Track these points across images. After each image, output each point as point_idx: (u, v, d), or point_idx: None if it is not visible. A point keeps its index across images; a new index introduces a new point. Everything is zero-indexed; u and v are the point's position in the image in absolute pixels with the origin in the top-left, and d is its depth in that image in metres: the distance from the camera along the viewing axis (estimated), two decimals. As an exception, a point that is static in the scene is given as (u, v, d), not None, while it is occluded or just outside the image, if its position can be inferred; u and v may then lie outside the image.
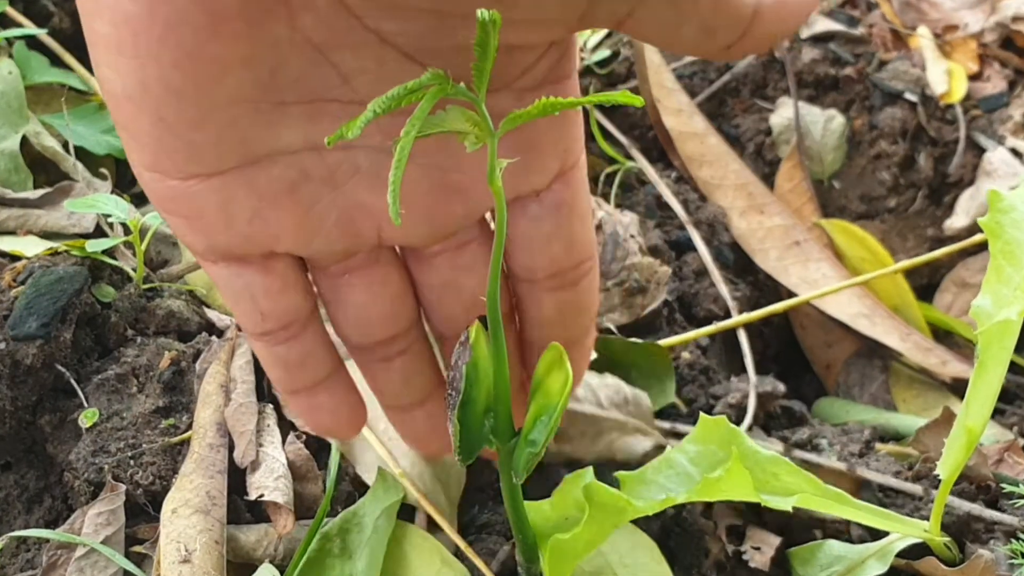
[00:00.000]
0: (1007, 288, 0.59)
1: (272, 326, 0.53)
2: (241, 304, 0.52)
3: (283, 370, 0.55)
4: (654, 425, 0.76)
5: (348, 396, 0.58)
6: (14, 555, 0.69)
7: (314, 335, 0.55)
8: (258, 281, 0.51)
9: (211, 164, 0.46)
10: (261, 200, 0.48)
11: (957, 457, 0.64)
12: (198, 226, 0.49)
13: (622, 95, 0.43)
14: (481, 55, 0.40)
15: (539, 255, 0.55)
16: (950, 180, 1.16)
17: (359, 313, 0.55)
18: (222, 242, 0.50)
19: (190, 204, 0.48)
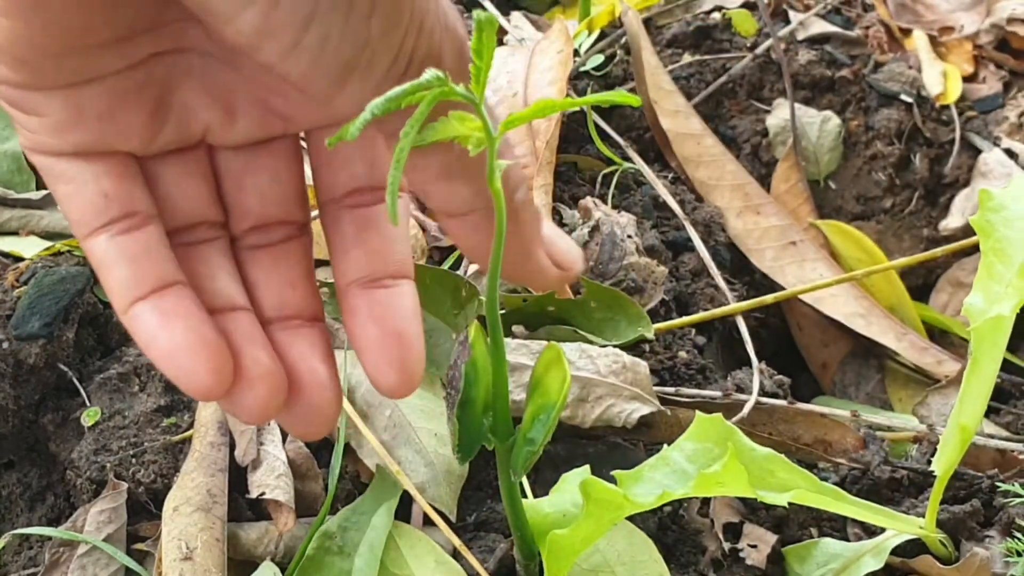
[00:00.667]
0: (999, 285, 0.59)
1: (116, 212, 0.49)
2: (83, 192, 0.49)
3: (126, 267, 0.49)
4: (652, 392, 0.77)
5: (202, 311, 0.50)
6: (17, 553, 0.69)
7: (159, 236, 0.51)
8: (102, 168, 0.49)
9: (58, 82, 0.46)
10: (112, 100, 0.48)
11: (952, 454, 0.65)
12: (49, 125, 0.48)
13: (619, 95, 0.43)
14: (478, 56, 0.41)
15: (341, 171, 0.54)
16: (945, 181, 1.16)
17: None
18: (72, 140, 0.49)
19: (37, 107, 0.47)
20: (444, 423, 0.72)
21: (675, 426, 0.77)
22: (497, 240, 0.48)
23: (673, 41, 1.24)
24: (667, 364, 0.84)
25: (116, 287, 0.50)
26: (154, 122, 0.50)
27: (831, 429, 0.79)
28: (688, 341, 0.88)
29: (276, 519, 0.68)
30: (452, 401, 0.53)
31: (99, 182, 0.49)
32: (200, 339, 0.48)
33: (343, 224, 0.54)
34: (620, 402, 0.75)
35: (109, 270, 0.50)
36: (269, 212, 0.53)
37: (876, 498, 0.74)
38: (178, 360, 0.48)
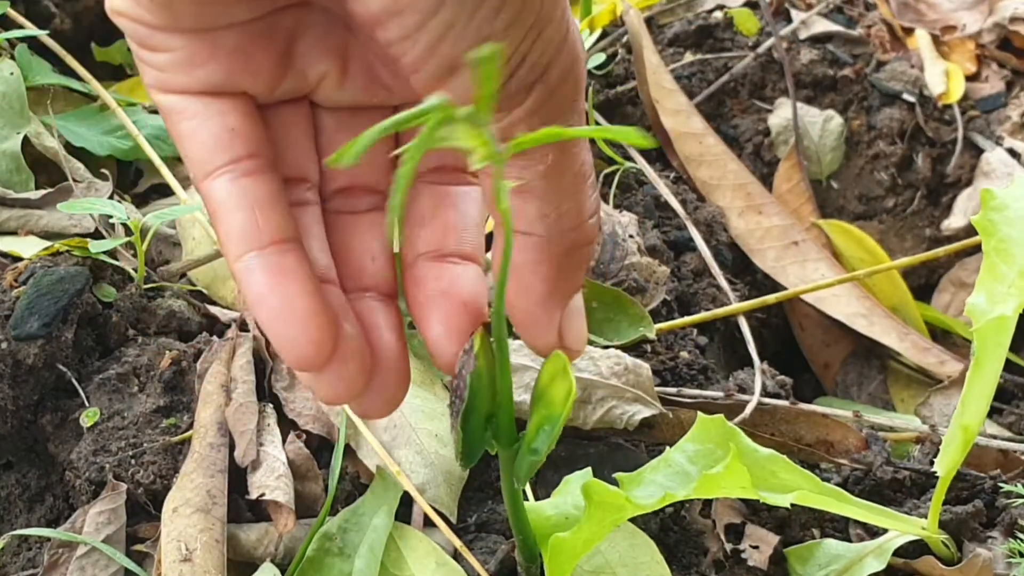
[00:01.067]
0: (1001, 285, 0.59)
1: (241, 150, 0.48)
2: (208, 127, 0.48)
3: (248, 212, 0.47)
4: (654, 394, 0.77)
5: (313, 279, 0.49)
6: (16, 554, 0.69)
7: (281, 186, 0.49)
8: (228, 106, 0.48)
9: (187, 24, 0.46)
10: (244, 40, 0.47)
11: (954, 455, 0.65)
12: (179, 61, 0.47)
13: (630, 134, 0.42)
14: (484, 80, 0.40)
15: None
16: (948, 180, 1.16)
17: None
18: (202, 77, 0.47)
19: (166, 44, 0.47)
20: (445, 424, 0.71)
21: (677, 427, 0.76)
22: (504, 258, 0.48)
23: (675, 40, 1.24)
24: (669, 364, 0.84)
25: (234, 233, 0.47)
26: (280, 67, 0.49)
27: (833, 430, 0.79)
28: (690, 341, 0.88)
29: (276, 520, 0.67)
30: (456, 410, 0.53)
31: (225, 118, 0.48)
32: (311, 307, 0.46)
33: (422, 198, 0.52)
34: (622, 404, 0.75)
35: (229, 214, 0.48)
36: (358, 178, 0.52)
37: (878, 499, 0.74)
38: (284, 325, 0.46)
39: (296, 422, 0.73)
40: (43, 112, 0.94)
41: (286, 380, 0.75)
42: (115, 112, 0.95)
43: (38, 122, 0.93)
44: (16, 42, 0.97)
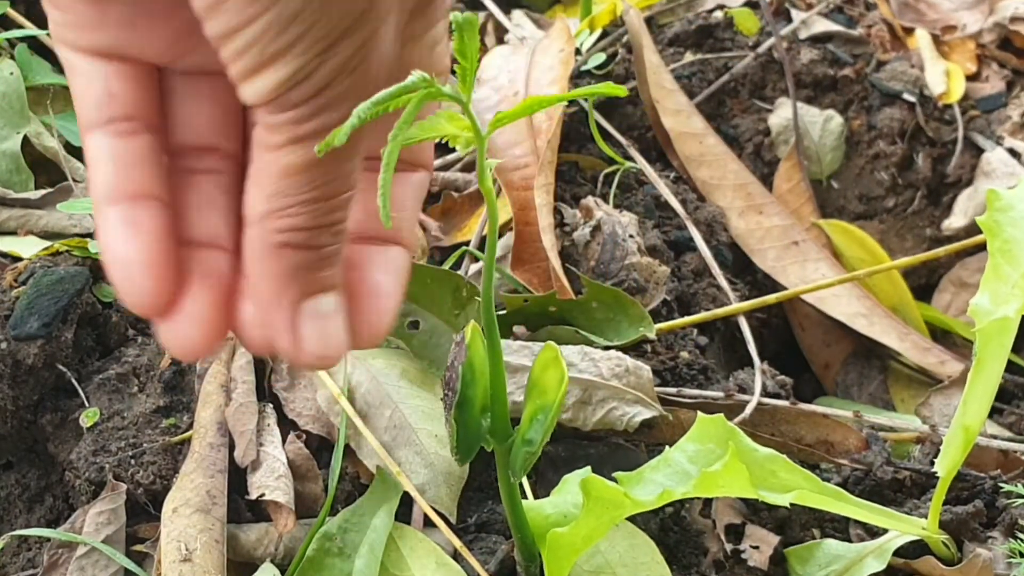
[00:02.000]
0: (1005, 286, 0.59)
1: (116, 112, 0.50)
2: (91, 88, 0.50)
3: (111, 168, 0.50)
4: (654, 395, 0.77)
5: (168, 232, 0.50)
6: (15, 554, 0.69)
7: (153, 148, 0.51)
8: (113, 70, 0.50)
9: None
10: (132, 11, 0.48)
11: (955, 455, 0.65)
12: (72, 22, 0.49)
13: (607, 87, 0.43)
14: (462, 56, 0.40)
15: None
16: (948, 180, 1.16)
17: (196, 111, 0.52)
18: (91, 40, 0.49)
19: (67, 5, 0.48)
20: (444, 423, 0.71)
21: (677, 427, 0.76)
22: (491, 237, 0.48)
23: (675, 40, 1.24)
24: (669, 364, 0.84)
25: (97, 185, 0.50)
26: (180, 40, 0.50)
27: (833, 430, 0.79)
28: (690, 341, 0.88)
29: (276, 520, 0.67)
30: (449, 402, 0.53)
31: (107, 81, 0.50)
32: (151, 258, 0.49)
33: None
34: (622, 405, 0.75)
35: (95, 167, 0.51)
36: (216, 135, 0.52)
37: (878, 499, 0.74)
38: (125, 271, 0.49)
39: (296, 422, 0.73)
40: (43, 112, 0.94)
41: (286, 380, 0.75)
42: (115, 112, 0.95)
43: (38, 122, 0.93)
44: (16, 42, 0.97)
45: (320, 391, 0.74)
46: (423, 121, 0.42)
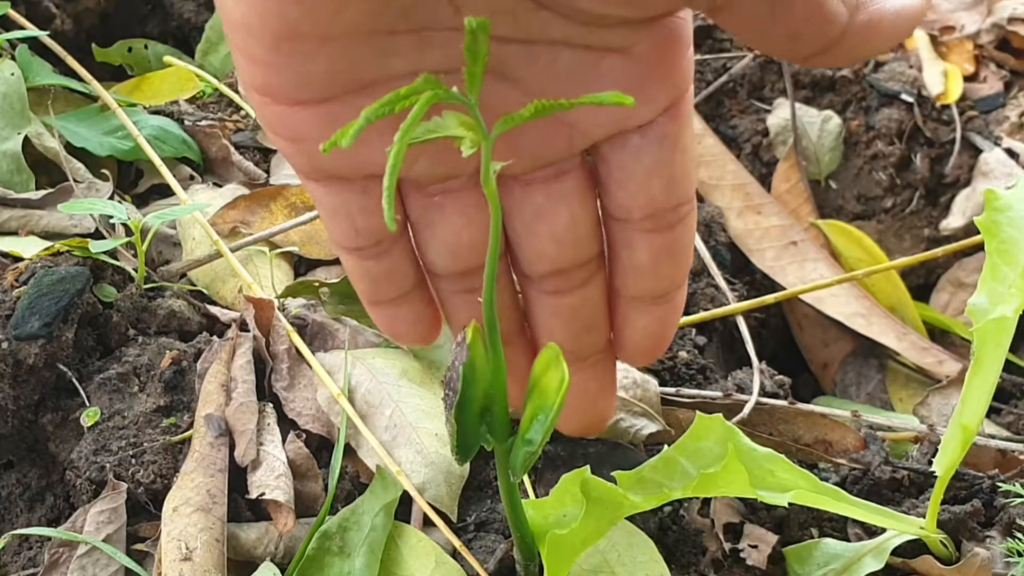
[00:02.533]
0: (1003, 286, 0.59)
1: (364, 242, 0.54)
2: (337, 221, 0.53)
3: (369, 284, 0.56)
4: (660, 410, 0.77)
5: (427, 309, 0.58)
6: (16, 553, 0.69)
7: (402, 251, 0.55)
8: (355, 200, 0.52)
9: (320, 92, 0.47)
10: (367, 128, 0.48)
11: (953, 454, 0.65)
12: (302, 148, 0.49)
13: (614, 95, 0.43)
14: (471, 60, 0.41)
15: (637, 192, 0.52)
16: (946, 181, 1.16)
17: (449, 238, 0.54)
18: (325, 164, 0.50)
19: (296, 128, 0.48)
20: (445, 423, 0.71)
21: (675, 427, 0.77)
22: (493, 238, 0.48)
23: (674, 41, 1.24)
24: (667, 364, 0.84)
25: (358, 291, 0.57)
26: (411, 148, 0.50)
27: (832, 429, 0.79)
28: (688, 341, 0.88)
29: (276, 519, 0.68)
30: (450, 402, 0.53)
31: (351, 219, 0.53)
32: (423, 332, 0.58)
33: (637, 248, 0.55)
34: (630, 417, 0.75)
35: (353, 279, 0.57)
36: (566, 257, 0.54)
37: (877, 498, 0.74)
38: (400, 335, 0.58)
39: (296, 422, 0.73)
40: (44, 112, 0.94)
41: (286, 380, 0.75)
42: (115, 112, 0.95)
43: (39, 122, 0.93)
44: (17, 43, 0.97)
45: (320, 390, 0.74)
46: (429, 122, 0.43)
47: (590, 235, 0.55)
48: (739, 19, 0.45)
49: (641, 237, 0.54)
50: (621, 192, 0.53)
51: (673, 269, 0.56)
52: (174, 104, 1.05)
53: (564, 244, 0.54)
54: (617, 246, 0.55)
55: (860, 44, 0.46)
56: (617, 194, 0.53)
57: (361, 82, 0.47)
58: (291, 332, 0.77)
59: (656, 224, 0.54)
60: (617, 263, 0.56)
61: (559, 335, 0.56)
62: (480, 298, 0.55)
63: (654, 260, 0.55)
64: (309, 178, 0.52)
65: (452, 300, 0.57)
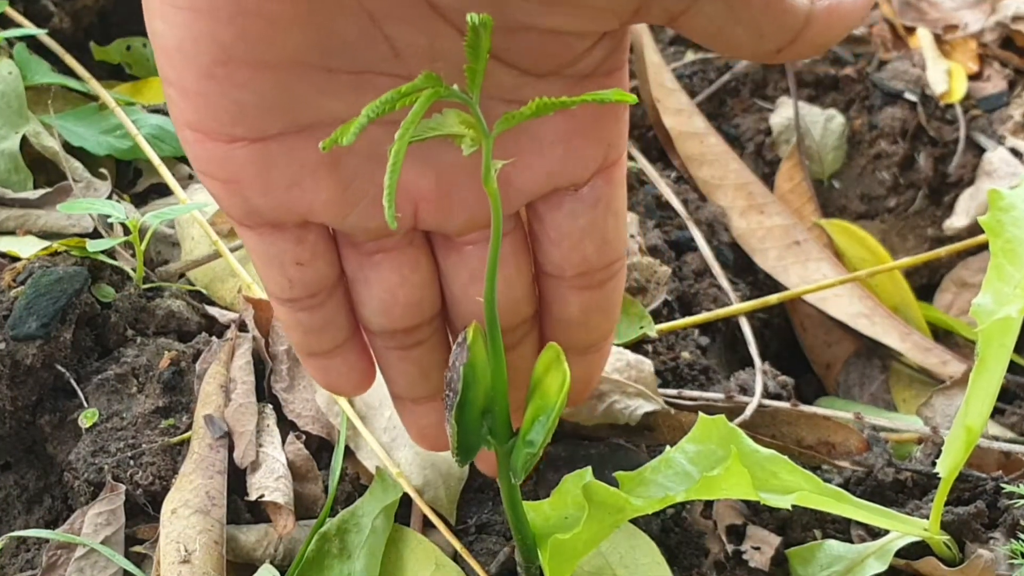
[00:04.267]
0: (1007, 286, 0.59)
1: (298, 293, 0.54)
2: (271, 270, 0.53)
3: (303, 335, 0.56)
4: (656, 390, 0.76)
5: (360, 361, 0.58)
6: (14, 555, 0.69)
7: (336, 304, 0.55)
8: (289, 250, 0.52)
9: (255, 128, 0.46)
10: (301, 169, 0.48)
11: (956, 456, 0.64)
12: (235, 190, 0.49)
13: (615, 93, 0.43)
14: (473, 57, 0.40)
15: (571, 252, 0.54)
16: (950, 180, 1.16)
17: (385, 296, 0.54)
18: (258, 207, 0.50)
19: (229, 168, 0.48)
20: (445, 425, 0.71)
21: (677, 429, 0.76)
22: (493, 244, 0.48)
23: (676, 39, 1.24)
24: (670, 365, 0.84)
25: (291, 341, 0.58)
26: (346, 191, 0.50)
27: (835, 431, 0.79)
28: (691, 342, 0.88)
29: (275, 521, 0.67)
30: (450, 403, 0.53)
31: (284, 269, 0.53)
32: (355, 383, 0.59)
33: (568, 303, 0.56)
34: (624, 399, 0.75)
35: (287, 329, 0.57)
36: (501, 320, 0.54)
37: (880, 500, 0.74)
38: (333, 386, 0.59)
39: (296, 423, 0.73)
40: (42, 111, 0.94)
41: (286, 381, 0.75)
42: (114, 112, 0.95)
43: (37, 121, 0.92)
44: (15, 41, 0.97)
45: (319, 392, 0.73)
46: (429, 120, 0.42)
47: (524, 298, 0.56)
48: (700, 24, 0.45)
49: (573, 293, 0.56)
50: (555, 251, 0.54)
51: (602, 322, 0.58)
52: (174, 103, 1.04)
53: (499, 308, 0.54)
54: (549, 300, 0.57)
55: (825, 30, 0.46)
56: (551, 252, 0.55)
57: (297, 122, 0.47)
58: (291, 332, 0.76)
59: (588, 281, 0.55)
60: (548, 316, 0.58)
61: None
62: (414, 355, 0.57)
63: (584, 315, 0.57)
64: (243, 224, 0.52)
65: (386, 356, 0.58)
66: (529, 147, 0.50)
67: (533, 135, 0.50)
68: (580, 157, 0.52)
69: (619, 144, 0.53)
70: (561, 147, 0.51)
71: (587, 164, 0.52)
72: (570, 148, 0.51)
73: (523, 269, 0.56)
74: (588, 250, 0.54)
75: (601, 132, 0.52)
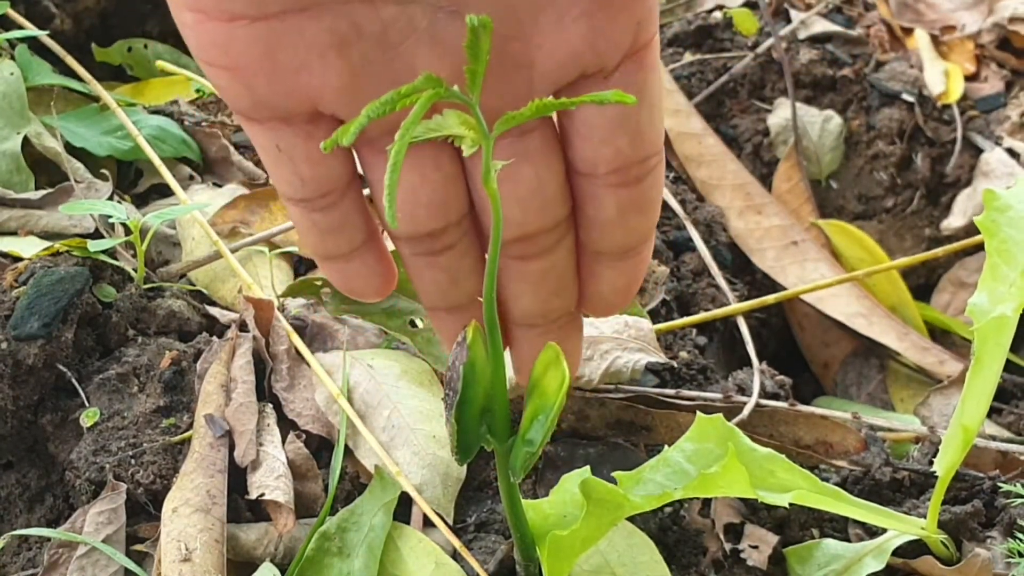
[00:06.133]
0: (1003, 285, 0.59)
1: (311, 193, 0.50)
2: (281, 169, 0.50)
3: (318, 236, 0.53)
4: (657, 345, 0.77)
5: (380, 263, 0.55)
6: (16, 554, 0.69)
7: (352, 203, 0.52)
8: (300, 145, 0.49)
9: (257, 3, 0.44)
10: (308, 52, 0.45)
11: (953, 455, 0.65)
12: (239, 77, 0.46)
13: (614, 94, 0.43)
14: (473, 58, 0.40)
15: (602, 146, 0.50)
16: (947, 180, 1.16)
17: (406, 196, 0.51)
18: (264, 97, 0.47)
19: (232, 52, 0.45)
20: (442, 425, 0.71)
21: (675, 429, 0.76)
22: (494, 237, 0.48)
23: (674, 40, 1.24)
24: (668, 364, 0.84)
25: (306, 244, 0.55)
26: (357, 78, 0.46)
27: (832, 431, 0.79)
28: (689, 341, 0.88)
29: (276, 520, 0.67)
30: (450, 402, 0.53)
31: (295, 165, 0.49)
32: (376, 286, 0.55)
33: (603, 203, 0.52)
34: (625, 354, 0.75)
35: (301, 232, 0.53)
36: (532, 222, 0.51)
37: (877, 499, 0.74)
38: (353, 290, 0.55)
39: (296, 422, 0.73)
40: (43, 112, 0.94)
41: (286, 380, 0.75)
42: (115, 112, 0.95)
43: (38, 122, 0.93)
44: (16, 42, 0.97)
45: (319, 390, 0.74)
46: (430, 120, 0.42)
47: (557, 198, 0.52)
48: None
49: (608, 192, 0.52)
50: (585, 146, 0.51)
51: (641, 223, 0.54)
52: (174, 104, 1.05)
53: (530, 209, 0.51)
54: (583, 201, 0.53)
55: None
56: (581, 148, 0.51)
57: (301, 0, 0.44)
58: (291, 332, 0.77)
59: (623, 178, 0.51)
60: (583, 218, 0.54)
61: (526, 300, 0.54)
62: (442, 261, 0.53)
63: (621, 215, 0.53)
64: (249, 118, 0.49)
65: (414, 263, 0.54)
66: (549, 24, 0.46)
67: (554, 9, 0.46)
68: (607, 36, 0.47)
69: (650, 23, 0.49)
70: (585, 23, 0.46)
71: (615, 44, 0.48)
72: (594, 25, 0.46)
73: (553, 167, 0.51)
74: (621, 143, 0.50)
75: (629, 9, 0.47)
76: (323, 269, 0.56)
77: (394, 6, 0.43)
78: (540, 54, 0.47)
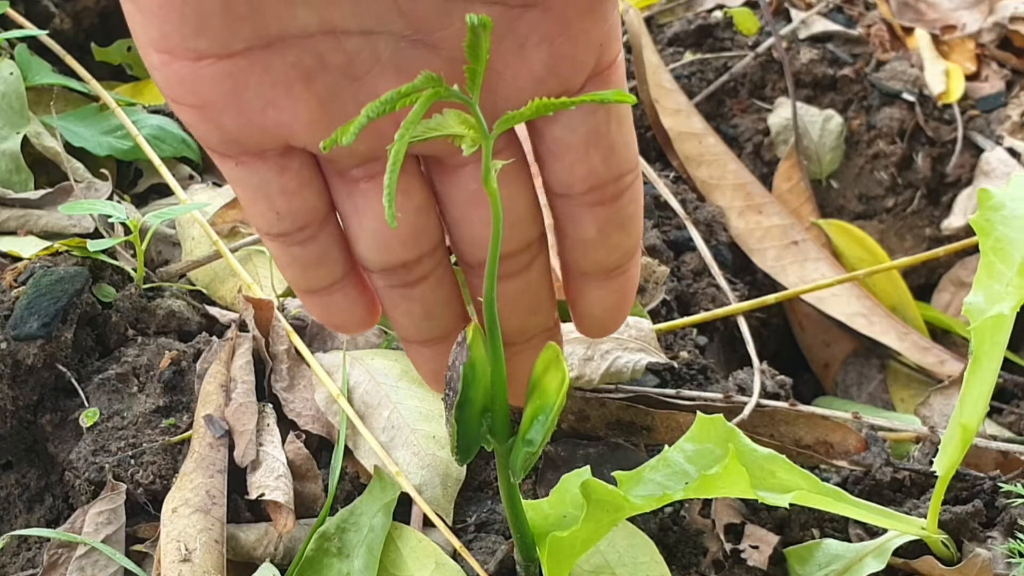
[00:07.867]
0: (998, 284, 0.59)
1: (288, 227, 0.51)
2: (256, 204, 0.50)
3: (298, 271, 0.53)
4: (657, 345, 0.77)
5: (362, 296, 0.55)
6: (15, 554, 0.69)
7: (330, 236, 0.52)
8: (273, 179, 0.49)
9: (220, 42, 0.44)
10: (275, 87, 0.46)
11: (953, 455, 0.65)
12: (208, 115, 0.46)
13: (615, 93, 0.43)
14: (473, 58, 0.40)
15: (575, 165, 0.50)
16: (948, 180, 1.16)
17: (377, 226, 0.51)
18: (233, 133, 0.47)
19: (199, 91, 0.45)
20: (442, 425, 0.71)
21: (675, 429, 0.76)
22: (494, 237, 0.48)
23: (674, 39, 1.24)
24: (668, 364, 0.84)
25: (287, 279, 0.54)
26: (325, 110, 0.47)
27: (833, 431, 0.79)
28: (689, 341, 0.88)
29: (275, 520, 0.67)
30: (450, 402, 0.53)
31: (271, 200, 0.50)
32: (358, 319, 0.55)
33: (583, 223, 0.53)
34: (626, 354, 0.75)
35: (283, 269, 0.54)
36: (504, 242, 0.51)
37: (878, 499, 0.74)
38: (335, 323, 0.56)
39: (296, 422, 0.73)
40: (43, 112, 0.94)
41: (286, 380, 0.75)
42: (115, 112, 0.95)
43: (38, 122, 0.93)
44: (16, 42, 0.97)
45: (319, 391, 0.74)
46: (430, 120, 0.42)
47: (528, 217, 0.53)
48: None
49: (586, 211, 0.52)
50: (559, 166, 0.51)
51: (623, 240, 0.54)
52: (174, 104, 1.05)
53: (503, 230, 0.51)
54: (563, 222, 0.53)
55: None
56: (556, 168, 0.51)
57: (264, 34, 0.44)
58: (291, 332, 0.77)
59: (599, 197, 0.52)
60: (565, 239, 0.54)
61: (504, 320, 0.53)
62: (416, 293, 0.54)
63: (602, 234, 0.53)
64: (221, 155, 0.49)
65: (389, 296, 0.55)
66: (510, 52, 0.46)
67: (514, 37, 0.46)
68: (569, 60, 0.48)
69: (612, 43, 0.49)
70: (545, 49, 0.47)
71: (578, 67, 0.48)
72: (555, 50, 0.47)
73: (523, 186, 0.52)
74: (594, 162, 0.50)
75: (589, 32, 0.47)
76: (305, 304, 0.56)
77: (358, 37, 0.44)
78: (502, 81, 0.47)
